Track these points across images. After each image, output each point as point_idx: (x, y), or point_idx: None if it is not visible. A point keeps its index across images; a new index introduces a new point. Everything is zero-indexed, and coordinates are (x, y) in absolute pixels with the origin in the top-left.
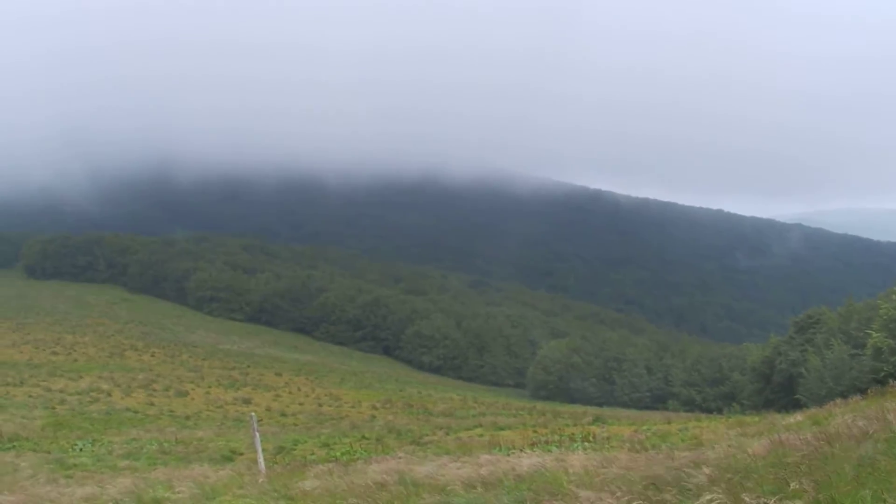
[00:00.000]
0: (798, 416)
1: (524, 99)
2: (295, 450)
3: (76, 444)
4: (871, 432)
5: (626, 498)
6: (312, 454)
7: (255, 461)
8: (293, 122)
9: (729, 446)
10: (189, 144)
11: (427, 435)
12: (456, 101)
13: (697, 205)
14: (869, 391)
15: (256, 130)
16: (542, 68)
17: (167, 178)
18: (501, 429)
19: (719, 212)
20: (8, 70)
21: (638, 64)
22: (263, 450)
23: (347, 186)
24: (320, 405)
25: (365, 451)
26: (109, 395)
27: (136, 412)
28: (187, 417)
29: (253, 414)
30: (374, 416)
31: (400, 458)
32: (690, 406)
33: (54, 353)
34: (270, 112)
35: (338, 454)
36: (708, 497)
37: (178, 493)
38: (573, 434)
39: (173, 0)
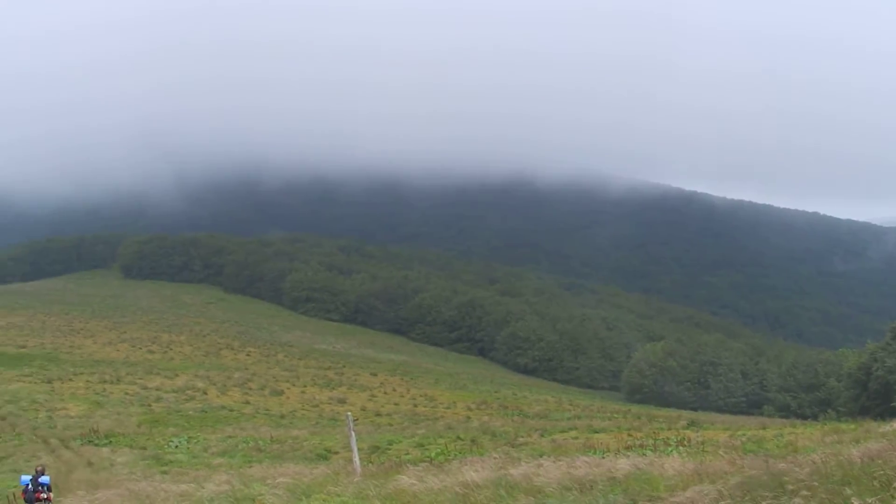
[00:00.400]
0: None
1: (616, 102)
2: (389, 449)
3: (172, 441)
4: None
5: (723, 503)
6: (407, 454)
7: (350, 460)
8: (387, 125)
9: (826, 452)
10: (277, 146)
11: (522, 437)
12: (549, 104)
13: (793, 207)
14: None
15: (346, 132)
16: (636, 72)
17: (256, 179)
18: (596, 431)
19: (815, 214)
20: (96, 72)
21: (733, 67)
22: (358, 449)
23: (443, 188)
24: (415, 406)
25: (459, 451)
26: (205, 393)
27: (231, 410)
28: (282, 416)
29: (349, 413)
30: (469, 417)
31: (495, 459)
32: (785, 412)
33: (150, 352)
34: (363, 114)
35: (432, 454)
36: (805, 493)
37: (274, 490)
38: (668, 438)
39: (260, 2)
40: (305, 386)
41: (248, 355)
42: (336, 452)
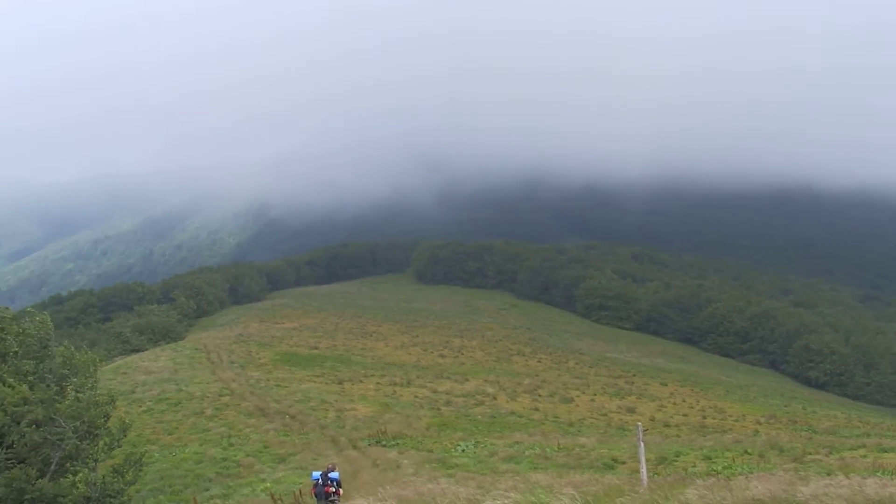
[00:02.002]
0: None
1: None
2: (676, 461)
3: (459, 445)
4: None
5: None
6: (694, 466)
7: (637, 471)
8: (668, 140)
9: None
10: (554, 157)
11: (810, 454)
12: (824, 117)
13: None
14: None
15: (627, 138)
16: None
17: (536, 187)
18: (885, 451)
19: None
20: (364, 91)
21: None
22: (646, 460)
23: (735, 196)
24: (704, 417)
25: (746, 466)
26: (495, 398)
27: (520, 416)
28: (571, 424)
29: (639, 424)
30: (757, 431)
31: (781, 476)
32: None
33: (441, 356)
34: (639, 129)
35: (719, 468)
36: None
37: (559, 499)
38: None
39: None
40: (595, 394)
41: (538, 362)
42: (623, 462)
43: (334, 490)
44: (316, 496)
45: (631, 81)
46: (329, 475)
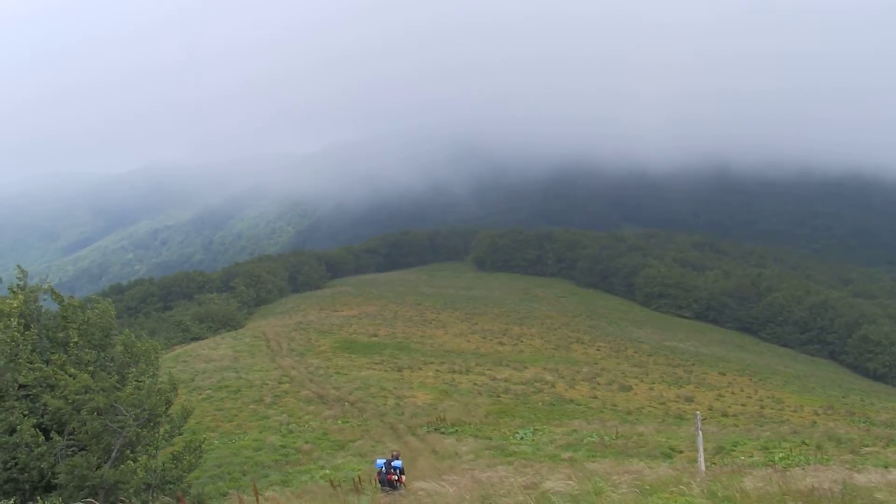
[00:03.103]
0: None
1: None
2: (734, 451)
3: (517, 433)
4: None
5: None
6: (751, 456)
7: (695, 460)
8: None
9: None
10: (604, 147)
11: (867, 445)
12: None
13: None
14: None
15: (671, 124)
16: None
17: (581, 175)
18: None
19: None
20: (411, 79)
21: None
22: (704, 449)
23: (796, 185)
24: (762, 407)
25: (803, 457)
26: (553, 386)
27: (578, 404)
28: (629, 412)
29: (698, 413)
30: (815, 422)
31: (838, 468)
32: None
33: (500, 344)
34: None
35: (776, 458)
36: None
37: (617, 487)
38: None
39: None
40: (654, 383)
41: (597, 350)
42: (680, 451)
43: (397, 477)
44: (380, 483)
45: (674, 67)
46: (392, 463)
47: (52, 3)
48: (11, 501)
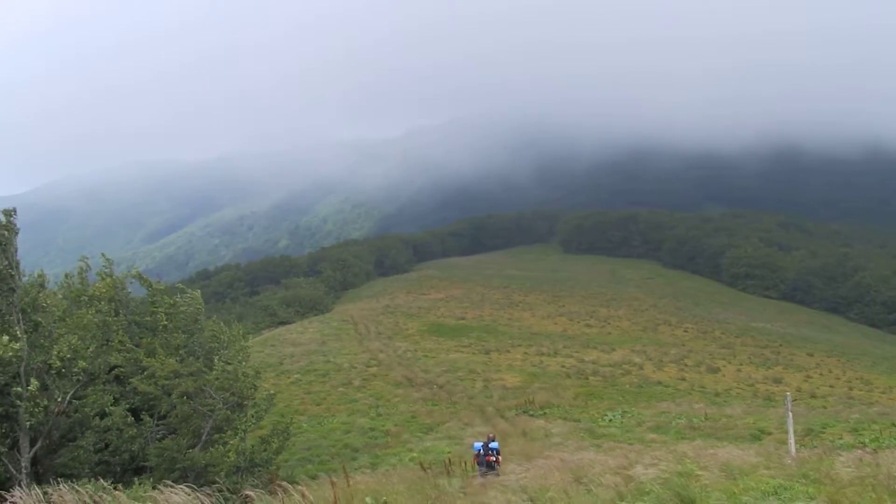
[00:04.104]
0: None
1: None
2: (823, 433)
3: (606, 415)
4: None
5: None
6: (840, 439)
7: (784, 442)
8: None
9: None
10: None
11: None
12: None
13: None
14: None
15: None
16: None
17: (651, 156)
18: None
19: None
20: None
21: None
22: (793, 432)
23: (882, 162)
24: (850, 389)
25: (894, 439)
26: (641, 368)
27: (666, 386)
28: (717, 394)
29: (788, 394)
30: None
31: None
32: None
33: (588, 326)
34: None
35: (866, 441)
36: None
37: (706, 469)
38: None
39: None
40: (741, 364)
41: (685, 331)
42: (769, 433)
43: (495, 458)
44: (478, 464)
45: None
46: (490, 444)
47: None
48: (109, 482)
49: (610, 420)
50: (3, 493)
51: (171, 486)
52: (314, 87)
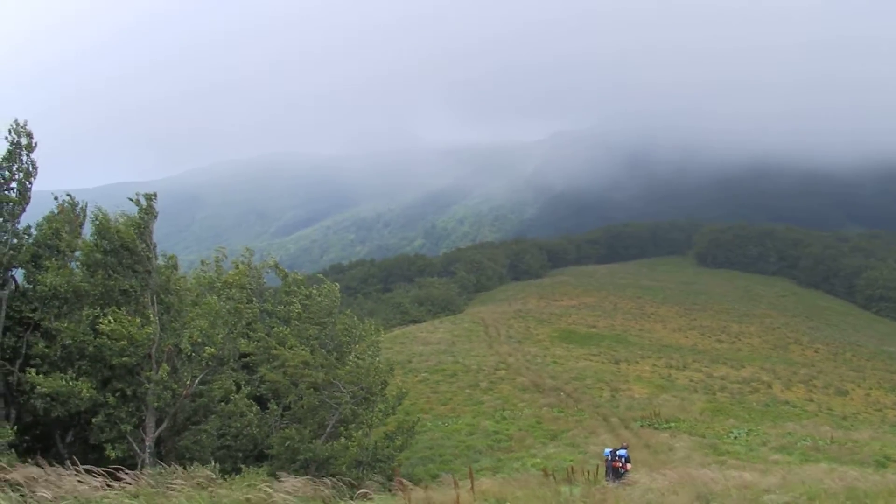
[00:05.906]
0: None
1: None
2: None
3: (731, 432)
4: None
5: None
6: None
7: None
8: None
9: None
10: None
11: None
12: None
13: None
14: None
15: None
16: None
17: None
18: None
19: None
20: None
21: None
22: None
23: None
24: None
25: None
26: (770, 386)
27: (794, 406)
28: (844, 417)
29: None
30: None
31: None
32: None
33: (719, 341)
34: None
35: None
36: None
37: (832, 494)
38: None
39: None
40: (871, 388)
41: (815, 352)
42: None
43: (622, 465)
44: (607, 471)
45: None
46: (618, 451)
47: None
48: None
49: (735, 438)
50: (126, 470)
51: (287, 476)
52: (454, 87)
